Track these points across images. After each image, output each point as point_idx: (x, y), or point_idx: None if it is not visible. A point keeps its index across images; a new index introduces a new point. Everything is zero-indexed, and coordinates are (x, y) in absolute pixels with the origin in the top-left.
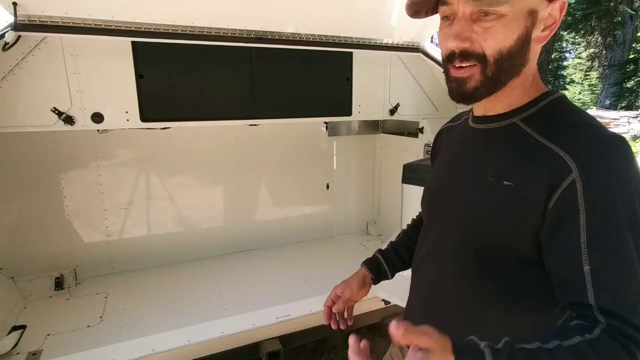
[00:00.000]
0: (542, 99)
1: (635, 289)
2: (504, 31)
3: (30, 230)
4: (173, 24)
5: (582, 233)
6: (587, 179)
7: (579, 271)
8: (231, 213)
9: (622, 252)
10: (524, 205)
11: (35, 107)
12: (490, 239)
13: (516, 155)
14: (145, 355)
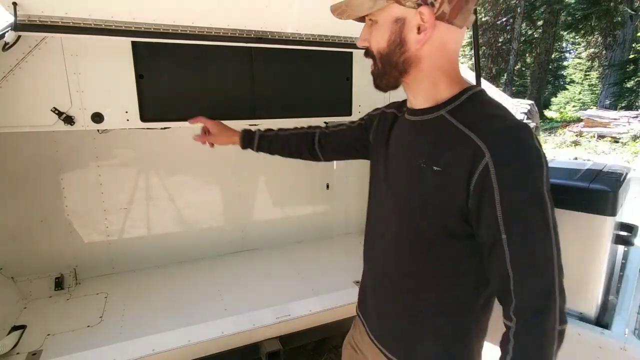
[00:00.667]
0: (464, 94)
1: (543, 255)
2: (377, 35)
3: (30, 230)
4: (173, 24)
5: (499, 208)
6: (496, 162)
7: (498, 240)
8: (231, 213)
9: (532, 219)
10: (450, 187)
11: (35, 107)
12: (425, 220)
13: (443, 143)
14: (145, 355)
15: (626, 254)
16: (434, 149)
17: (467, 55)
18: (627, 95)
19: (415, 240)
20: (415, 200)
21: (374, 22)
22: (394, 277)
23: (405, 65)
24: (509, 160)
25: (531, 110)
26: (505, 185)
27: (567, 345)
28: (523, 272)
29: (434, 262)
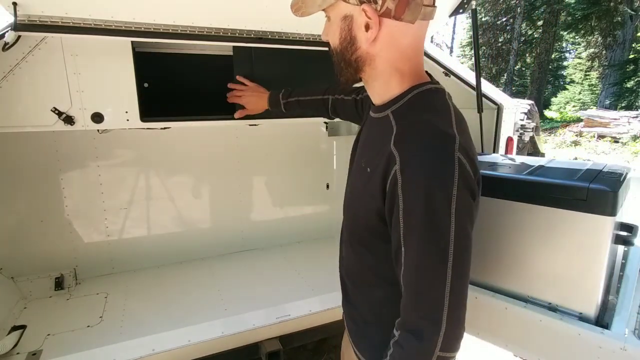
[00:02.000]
0: (408, 94)
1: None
2: (330, 31)
3: (30, 230)
4: (173, 24)
5: (401, 217)
6: (402, 171)
7: (399, 249)
8: (231, 213)
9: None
10: (373, 190)
11: (35, 107)
12: (359, 220)
13: (378, 144)
14: (145, 355)
15: (626, 254)
16: (372, 150)
17: (467, 55)
18: (627, 95)
19: (353, 237)
20: (354, 199)
21: (328, 18)
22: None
23: (358, 63)
24: (415, 171)
25: (531, 110)
26: (408, 198)
27: (567, 345)
28: (411, 289)
29: (368, 261)
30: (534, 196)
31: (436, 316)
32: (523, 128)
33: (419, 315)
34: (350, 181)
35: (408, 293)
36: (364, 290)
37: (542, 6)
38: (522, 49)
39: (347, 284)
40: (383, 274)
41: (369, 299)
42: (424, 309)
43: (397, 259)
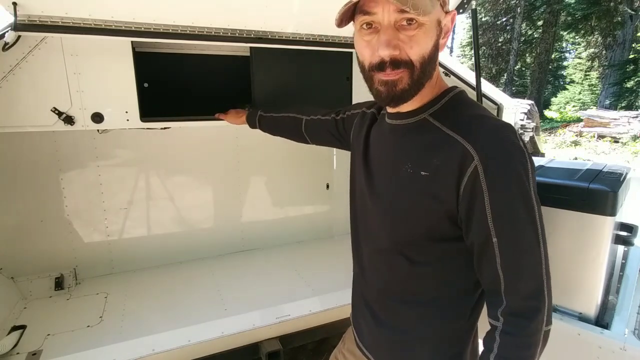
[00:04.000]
0: (445, 96)
1: (532, 258)
2: (425, 39)
3: (30, 230)
4: (173, 24)
5: (489, 211)
6: (485, 166)
7: (489, 242)
8: (231, 213)
9: (522, 222)
10: (439, 191)
11: (35, 107)
12: (414, 226)
13: (429, 147)
14: (145, 355)
15: (626, 254)
16: (420, 154)
17: (467, 55)
18: (627, 95)
19: (405, 248)
20: (403, 206)
21: (421, 24)
22: (379, 283)
23: (433, 72)
24: (498, 164)
25: (531, 110)
26: (494, 188)
27: (567, 345)
28: (513, 275)
29: (422, 267)
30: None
31: (540, 294)
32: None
33: (524, 296)
34: (383, 191)
35: (510, 279)
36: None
37: (542, 6)
38: (522, 49)
39: (383, 303)
40: (443, 277)
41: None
42: (528, 289)
43: (485, 253)
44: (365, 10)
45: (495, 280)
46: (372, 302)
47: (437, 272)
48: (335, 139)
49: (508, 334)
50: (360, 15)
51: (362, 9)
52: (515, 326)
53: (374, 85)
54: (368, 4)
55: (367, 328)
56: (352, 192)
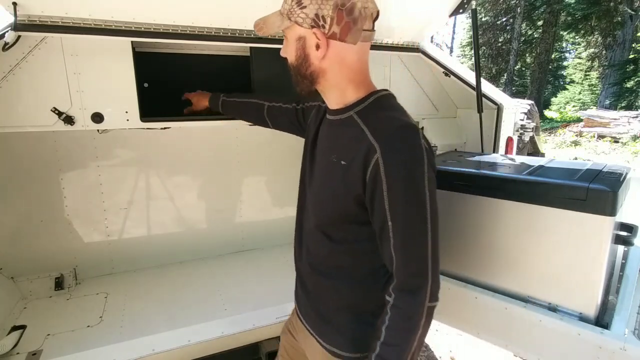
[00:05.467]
0: (369, 97)
1: (420, 241)
2: (288, 49)
3: (30, 230)
4: (173, 24)
5: (385, 198)
6: (384, 158)
7: (385, 226)
8: (231, 213)
9: (411, 210)
10: (352, 178)
11: (35, 107)
12: (334, 209)
13: (350, 140)
14: (145, 355)
15: (626, 254)
16: (344, 146)
17: (467, 55)
18: (627, 95)
19: (326, 227)
20: (327, 191)
21: (285, 38)
22: (309, 259)
23: (313, 76)
24: (395, 158)
25: (531, 110)
26: (391, 179)
27: (567, 345)
28: (402, 256)
29: (337, 245)
30: (534, 196)
31: (424, 274)
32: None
33: (410, 274)
34: (317, 177)
35: (399, 258)
36: (331, 276)
37: (542, 6)
38: (522, 49)
39: (310, 276)
40: (356, 255)
41: (335, 284)
42: (413, 267)
43: (383, 235)
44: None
45: (390, 260)
46: (304, 275)
47: (352, 251)
48: (294, 127)
49: (396, 307)
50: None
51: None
52: (401, 300)
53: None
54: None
55: (302, 299)
56: (300, 178)
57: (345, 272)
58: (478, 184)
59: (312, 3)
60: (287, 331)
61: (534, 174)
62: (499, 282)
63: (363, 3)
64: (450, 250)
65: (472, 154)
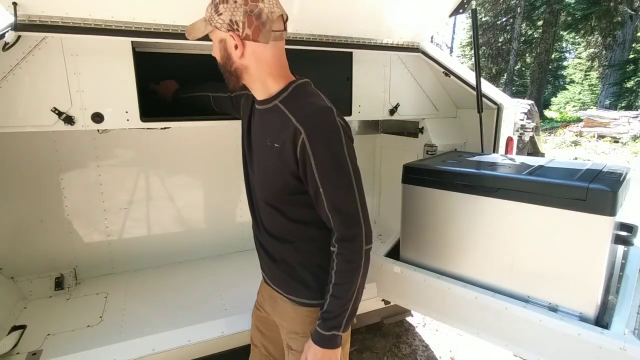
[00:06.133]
0: (289, 87)
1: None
2: (214, 50)
3: (30, 230)
4: (173, 24)
5: (315, 169)
6: (308, 138)
7: (318, 192)
8: (231, 213)
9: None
10: (285, 158)
11: (35, 107)
12: (274, 184)
13: (278, 125)
14: (145, 355)
15: (626, 254)
16: (275, 131)
17: (467, 55)
18: (627, 95)
19: (273, 201)
20: (267, 170)
21: (213, 40)
22: (266, 230)
23: (237, 73)
24: (317, 136)
25: (531, 110)
26: (316, 153)
27: (567, 345)
28: (336, 213)
29: (286, 214)
30: (534, 196)
31: (357, 222)
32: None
33: (346, 226)
34: (256, 159)
35: (335, 216)
36: (288, 240)
37: (542, 6)
38: (522, 49)
39: (271, 244)
40: (302, 220)
41: (293, 246)
42: (348, 220)
43: (318, 199)
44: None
45: (327, 218)
46: (266, 245)
47: (299, 217)
48: (233, 112)
49: (340, 254)
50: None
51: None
52: (344, 248)
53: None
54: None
55: (267, 266)
56: (243, 161)
57: (299, 235)
58: (478, 184)
59: (227, 10)
60: (256, 309)
61: (534, 174)
62: (499, 282)
63: (270, 8)
64: (450, 250)
65: (472, 154)
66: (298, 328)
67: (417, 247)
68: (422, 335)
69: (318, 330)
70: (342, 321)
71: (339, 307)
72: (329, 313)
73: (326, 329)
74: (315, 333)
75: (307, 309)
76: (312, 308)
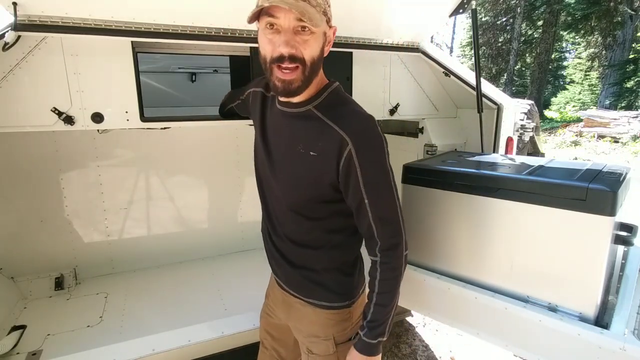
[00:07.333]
0: (325, 90)
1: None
2: (314, 43)
3: (30, 230)
4: (173, 24)
5: (361, 181)
6: (356, 149)
7: (362, 203)
8: (231, 213)
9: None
10: (324, 167)
11: (35, 107)
12: (307, 192)
13: (315, 133)
14: (145, 355)
15: (626, 254)
16: (309, 138)
17: (467, 55)
18: (627, 95)
19: (299, 209)
20: (299, 178)
21: (312, 32)
22: (288, 236)
23: (317, 71)
24: (364, 147)
25: (531, 110)
26: (363, 165)
27: (567, 345)
28: (381, 223)
29: (313, 221)
30: (533, 196)
31: (400, 231)
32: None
33: (391, 235)
34: (281, 165)
35: (380, 226)
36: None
37: (542, 6)
38: (522, 49)
39: (292, 250)
40: (330, 228)
41: (317, 252)
42: (393, 230)
43: (361, 210)
44: (270, 13)
45: (370, 229)
46: (284, 250)
47: (325, 224)
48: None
49: (384, 263)
50: (266, 17)
51: (268, 12)
52: (388, 257)
53: (273, 79)
54: (273, 9)
55: (283, 271)
56: (255, 162)
57: (325, 242)
58: (478, 184)
59: (327, 2)
60: (267, 314)
61: (534, 174)
62: (499, 282)
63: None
64: (450, 250)
65: (472, 154)
66: (319, 331)
67: (417, 247)
68: (422, 335)
69: (364, 340)
70: (387, 328)
71: (385, 314)
72: (375, 322)
73: (372, 337)
74: (360, 342)
75: (328, 312)
76: (334, 311)
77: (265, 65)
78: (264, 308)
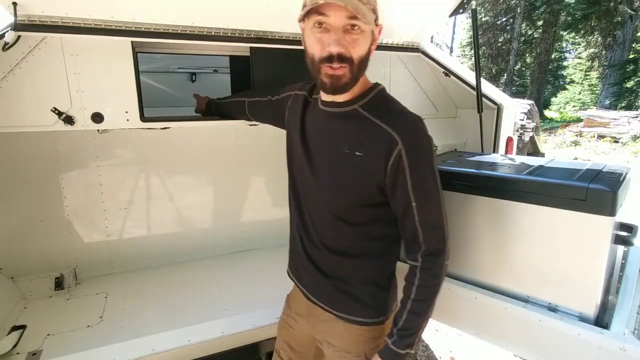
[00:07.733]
0: (371, 91)
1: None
2: (363, 42)
3: (30, 230)
4: (173, 24)
5: (409, 182)
6: (406, 149)
7: (409, 205)
8: (231, 213)
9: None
10: (371, 168)
11: (35, 107)
12: (352, 195)
13: (362, 133)
14: (145, 355)
15: (626, 254)
16: (354, 138)
17: (467, 55)
18: (627, 95)
19: (341, 213)
20: (343, 179)
21: (362, 31)
22: (324, 244)
23: (364, 69)
24: (415, 147)
25: (531, 110)
26: (412, 166)
27: (567, 345)
28: (427, 227)
29: (356, 227)
30: (533, 196)
31: (444, 237)
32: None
33: (436, 240)
34: (324, 168)
35: (425, 231)
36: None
37: (542, 6)
38: (522, 49)
39: (327, 259)
40: (373, 234)
41: (355, 262)
42: (438, 235)
43: (407, 213)
44: (320, 11)
45: (415, 232)
46: (317, 258)
47: (368, 230)
48: (271, 117)
49: (425, 269)
50: (315, 15)
51: (318, 10)
52: (429, 263)
53: (321, 76)
54: (325, 7)
55: (312, 281)
56: (290, 166)
57: (366, 250)
58: (478, 184)
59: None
60: (286, 326)
61: (533, 174)
62: (499, 282)
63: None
64: (449, 250)
65: (472, 154)
66: (350, 347)
67: None
68: (422, 335)
69: (392, 348)
70: (416, 339)
71: (418, 324)
72: (407, 330)
73: (402, 347)
74: (387, 351)
75: (360, 328)
76: (366, 327)
77: (313, 65)
78: (285, 318)
